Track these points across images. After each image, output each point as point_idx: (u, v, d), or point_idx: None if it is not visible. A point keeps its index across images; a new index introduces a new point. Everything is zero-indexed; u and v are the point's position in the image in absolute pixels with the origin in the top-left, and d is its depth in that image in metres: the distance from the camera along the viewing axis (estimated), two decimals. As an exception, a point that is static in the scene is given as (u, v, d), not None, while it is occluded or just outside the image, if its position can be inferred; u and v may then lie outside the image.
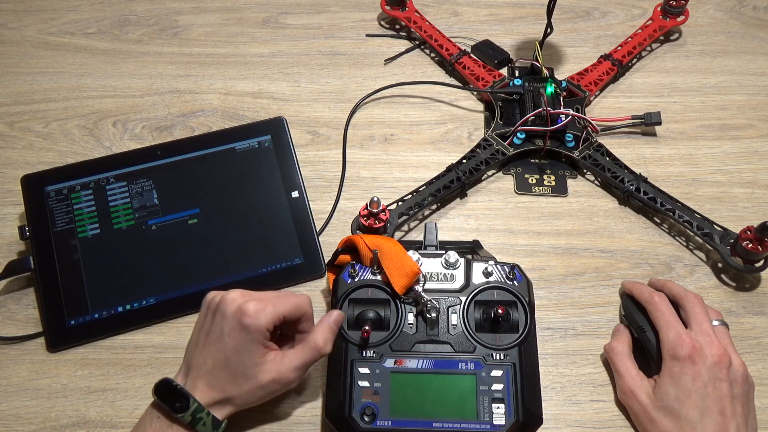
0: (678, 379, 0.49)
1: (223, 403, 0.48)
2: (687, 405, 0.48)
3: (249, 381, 0.47)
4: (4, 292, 0.61)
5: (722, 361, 0.49)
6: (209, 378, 0.48)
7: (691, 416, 0.47)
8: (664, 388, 0.49)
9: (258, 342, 0.47)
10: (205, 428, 0.47)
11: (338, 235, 0.63)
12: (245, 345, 0.47)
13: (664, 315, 0.52)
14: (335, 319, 0.50)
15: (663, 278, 0.60)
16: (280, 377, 0.48)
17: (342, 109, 0.74)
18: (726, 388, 0.48)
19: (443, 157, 0.69)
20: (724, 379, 0.48)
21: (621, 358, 0.53)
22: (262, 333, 0.47)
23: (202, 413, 0.46)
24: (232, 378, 0.47)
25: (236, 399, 0.48)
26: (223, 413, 0.48)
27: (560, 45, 0.80)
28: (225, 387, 0.47)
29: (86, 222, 0.61)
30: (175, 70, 0.78)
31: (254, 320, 0.47)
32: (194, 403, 0.46)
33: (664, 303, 0.53)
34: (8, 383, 0.56)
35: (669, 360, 0.50)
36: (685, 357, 0.49)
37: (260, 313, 0.47)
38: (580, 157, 0.67)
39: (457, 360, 0.49)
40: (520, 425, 0.47)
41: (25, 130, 0.72)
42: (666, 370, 0.50)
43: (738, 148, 0.70)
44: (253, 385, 0.47)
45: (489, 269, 0.53)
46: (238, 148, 0.65)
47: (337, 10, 0.85)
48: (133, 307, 0.59)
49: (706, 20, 0.83)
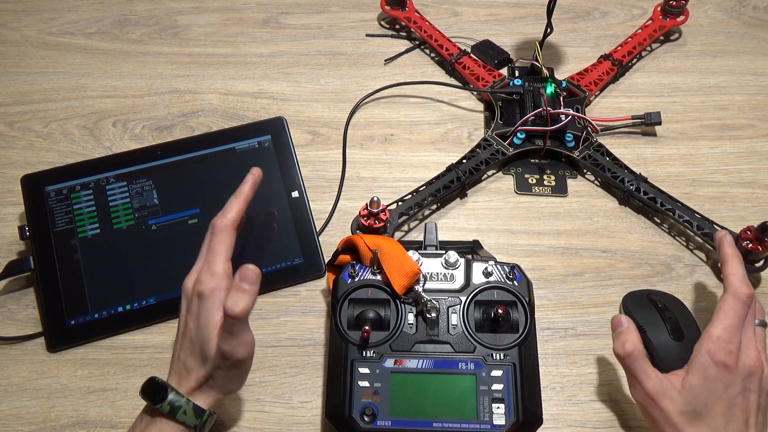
0: (711, 385, 0.46)
1: (202, 389, 0.47)
2: (714, 411, 0.46)
3: (212, 355, 0.46)
4: (4, 292, 0.61)
5: (757, 372, 0.46)
6: (185, 367, 0.47)
7: (717, 423, 0.46)
8: (695, 391, 0.46)
9: (215, 308, 0.46)
10: (186, 416, 0.46)
11: (338, 235, 0.63)
12: (203, 316, 0.46)
13: (735, 317, 0.47)
14: (244, 276, 0.45)
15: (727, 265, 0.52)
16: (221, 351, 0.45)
17: (342, 109, 0.74)
18: (754, 399, 0.46)
19: (443, 157, 0.69)
20: (754, 390, 0.46)
21: (640, 363, 0.48)
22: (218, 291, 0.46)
23: (181, 401, 0.46)
24: (202, 358, 0.46)
25: (211, 381, 0.47)
26: (207, 401, 0.47)
27: (560, 45, 0.80)
28: (198, 371, 0.47)
29: (86, 222, 0.61)
30: (175, 70, 0.78)
31: (207, 282, 0.46)
32: (171, 392, 0.46)
33: (746, 308, 0.48)
34: (8, 383, 0.56)
35: (707, 359, 0.46)
36: (723, 364, 0.46)
37: (209, 273, 0.47)
38: (580, 157, 0.67)
39: (457, 360, 0.49)
40: (520, 425, 0.47)
41: (25, 130, 0.72)
42: (699, 368, 0.47)
43: (738, 148, 0.70)
44: (216, 359, 0.46)
45: (489, 269, 0.53)
46: (238, 148, 0.65)
47: (337, 10, 0.85)
48: (133, 307, 0.59)
49: (706, 20, 0.83)
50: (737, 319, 0.47)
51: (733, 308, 0.48)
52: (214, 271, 0.47)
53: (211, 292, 0.47)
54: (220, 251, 0.49)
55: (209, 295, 0.47)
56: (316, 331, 0.58)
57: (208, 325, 0.46)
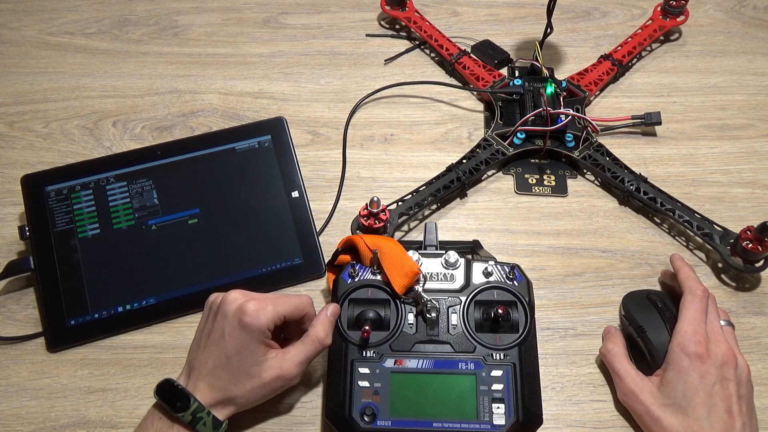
0: (686, 376, 0.48)
1: (224, 403, 0.48)
2: (694, 402, 0.47)
3: (252, 380, 0.47)
4: (4, 292, 0.61)
5: (730, 361, 0.49)
6: (210, 378, 0.48)
7: (698, 414, 0.47)
8: (672, 384, 0.49)
9: (259, 341, 0.47)
10: (206, 428, 0.47)
11: (338, 235, 0.63)
12: (246, 344, 0.47)
13: (696, 311, 0.51)
14: (333, 311, 0.51)
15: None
16: (282, 373, 0.48)
17: (342, 109, 0.74)
18: (733, 388, 0.48)
19: (443, 157, 0.69)
20: (731, 379, 0.48)
21: (618, 360, 0.53)
22: (263, 332, 0.47)
23: (203, 413, 0.46)
24: (234, 378, 0.47)
25: (238, 399, 0.48)
26: (224, 413, 0.48)
27: (560, 45, 0.80)
28: (227, 387, 0.47)
29: (86, 222, 0.61)
30: (175, 70, 0.78)
31: (254, 319, 0.47)
32: (195, 403, 0.46)
33: (704, 301, 0.52)
34: (8, 383, 0.56)
35: (678, 353, 0.49)
36: (695, 354, 0.49)
37: (260, 312, 0.47)
38: (580, 157, 0.67)
39: (457, 360, 0.49)
40: (520, 425, 0.47)
41: (25, 130, 0.72)
42: (673, 363, 0.49)
43: (738, 148, 0.70)
44: (255, 383, 0.48)
45: (489, 269, 0.53)
46: (238, 148, 0.65)
47: (337, 10, 0.85)
48: (133, 307, 0.59)
49: (706, 20, 0.83)
50: (698, 312, 0.51)
51: (692, 304, 0.52)
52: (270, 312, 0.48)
53: (259, 329, 0.47)
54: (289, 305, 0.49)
55: (257, 330, 0.47)
56: (316, 331, 0.58)
57: (254, 353, 0.47)
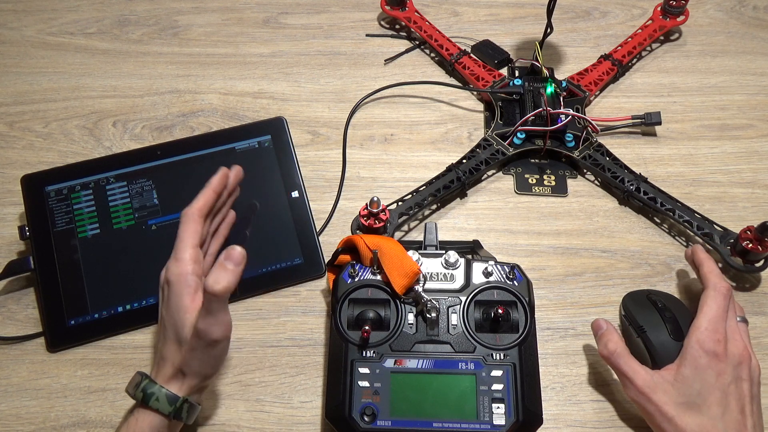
0: (703, 373, 0.48)
1: (178, 377, 0.47)
2: (709, 401, 0.47)
3: (184, 344, 0.46)
4: (4, 292, 0.61)
5: (746, 361, 0.48)
6: (162, 356, 0.47)
7: (713, 413, 0.47)
8: (688, 381, 0.48)
9: (184, 292, 0.46)
10: (159, 403, 0.46)
11: (338, 235, 0.63)
12: (173, 301, 0.47)
13: (719, 308, 0.50)
14: (228, 254, 0.44)
15: (696, 263, 0.56)
16: (197, 331, 0.45)
17: (342, 109, 0.74)
18: (747, 388, 0.48)
19: (443, 157, 0.69)
20: (746, 379, 0.48)
21: (624, 360, 0.51)
22: (184, 282, 0.47)
23: (153, 387, 0.46)
24: (177, 344, 0.46)
25: (185, 368, 0.46)
26: (182, 388, 0.47)
27: (560, 45, 0.80)
28: (172, 359, 0.47)
29: (86, 222, 0.61)
30: (175, 70, 0.78)
31: (173, 267, 0.47)
32: (144, 380, 0.46)
33: (727, 299, 0.51)
34: (8, 383, 0.56)
35: (697, 349, 0.48)
36: (713, 352, 0.48)
37: (175, 258, 0.47)
38: (580, 157, 0.67)
39: (457, 360, 0.49)
40: (520, 425, 0.47)
41: (25, 130, 0.72)
42: (691, 359, 0.48)
43: (738, 148, 0.70)
44: (186, 348, 0.46)
45: (489, 269, 0.53)
46: (238, 148, 0.65)
47: (337, 10, 0.85)
48: (133, 307, 0.59)
49: (706, 20, 0.83)
50: (720, 310, 0.50)
51: (715, 301, 0.51)
52: (180, 257, 0.48)
53: (177, 278, 0.47)
54: (185, 238, 0.49)
55: (176, 280, 0.47)
56: (316, 331, 0.58)
57: (178, 309, 0.46)
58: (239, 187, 0.57)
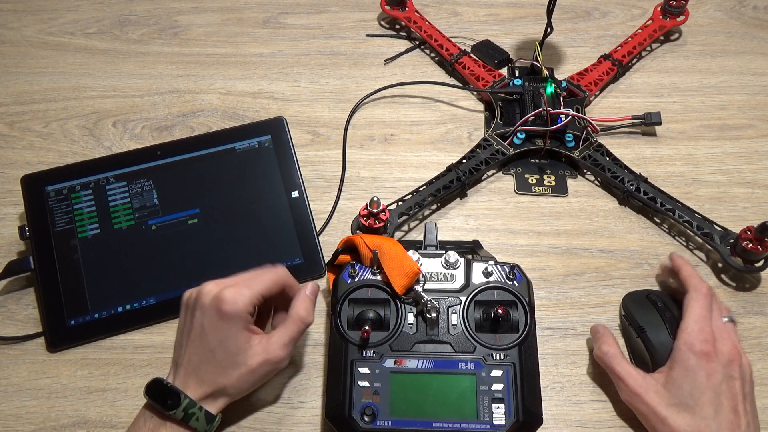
0: (693, 374, 0.48)
1: (215, 396, 0.48)
2: (701, 401, 0.47)
3: (239, 368, 0.47)
4: (4, 292, 0.61)
5: (736, 359, 0.49)
6: (198, 374, 0.48)
7: (705, 413, 0.47)
8: (678, 383, 0.48)
9: (240, 328, 0.47)
10: (199, 423, 0.47)
11: (338, 235, 0.63)
12: (228, 333, 0.47)
13: (702, 309, 0.51)
14: (312, 290, 0.52)
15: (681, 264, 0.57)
16: (269, 357, 0.48)
17: (342, 109, 0.74)
18: (738, 387, 0.48)
19: (443, 157, 0.69)
20: (737, 377, 0.48)
21: (617, 362, 0.51)
22: (243, 318, 0.47)
23: (194, 408, 0.46)
24: (221, 369, 0.47)
25: (228, 389, 0.48)
26: (216, 406, 0.48)
27: (560, 45, 0.80)
28: (215, 380, 0.47)
29: (86, 222, 0.61)
30: (175, 70, 0.78)
31: (233, 306, 0.47)
32: (185, 399, 0.46)
33: (709, 299, 0.52)
34: (8, 383, 0.56)
35: (685, 351, 0.49)
36: (702, 352, 0.48)
37: (238, 297, 0.47)
38: (580, 157, 0.67)
39: (457, 360, 0.49)
40: (520, 425, 0.47)
41: (25, 130, 0.72)
42: (680, 361, 0.49)
43: (738, 148, 0.70)
44: (243, 371, 0.47)
45: (489, 269, 0.53)
46: (238, 148, 0.65)
47: (337, 10, 0.85)
48: (133, 307, 0.59)
49: (706, 20, 0.83)
50: (704, 310, 0.51)
51: (698, 302, 0.52)
52: (247, 295, 0.48)
53: (236, 308, 0.47)
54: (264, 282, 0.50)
55: (233, 310, 0.47)
56: (316, 331, 0.58)
57: (238, 338, 0.47)
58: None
